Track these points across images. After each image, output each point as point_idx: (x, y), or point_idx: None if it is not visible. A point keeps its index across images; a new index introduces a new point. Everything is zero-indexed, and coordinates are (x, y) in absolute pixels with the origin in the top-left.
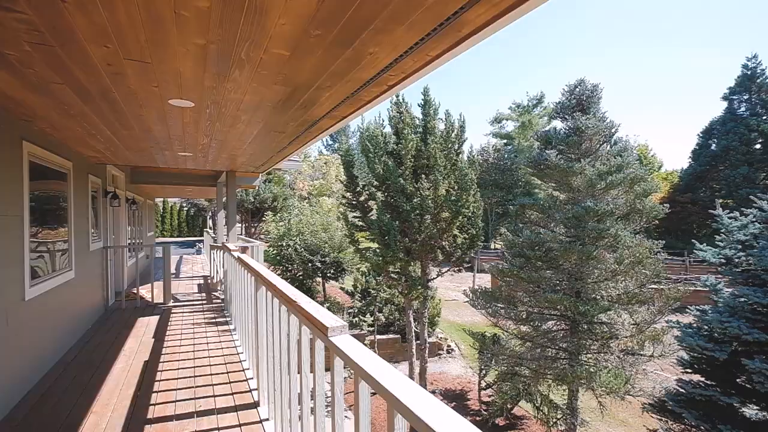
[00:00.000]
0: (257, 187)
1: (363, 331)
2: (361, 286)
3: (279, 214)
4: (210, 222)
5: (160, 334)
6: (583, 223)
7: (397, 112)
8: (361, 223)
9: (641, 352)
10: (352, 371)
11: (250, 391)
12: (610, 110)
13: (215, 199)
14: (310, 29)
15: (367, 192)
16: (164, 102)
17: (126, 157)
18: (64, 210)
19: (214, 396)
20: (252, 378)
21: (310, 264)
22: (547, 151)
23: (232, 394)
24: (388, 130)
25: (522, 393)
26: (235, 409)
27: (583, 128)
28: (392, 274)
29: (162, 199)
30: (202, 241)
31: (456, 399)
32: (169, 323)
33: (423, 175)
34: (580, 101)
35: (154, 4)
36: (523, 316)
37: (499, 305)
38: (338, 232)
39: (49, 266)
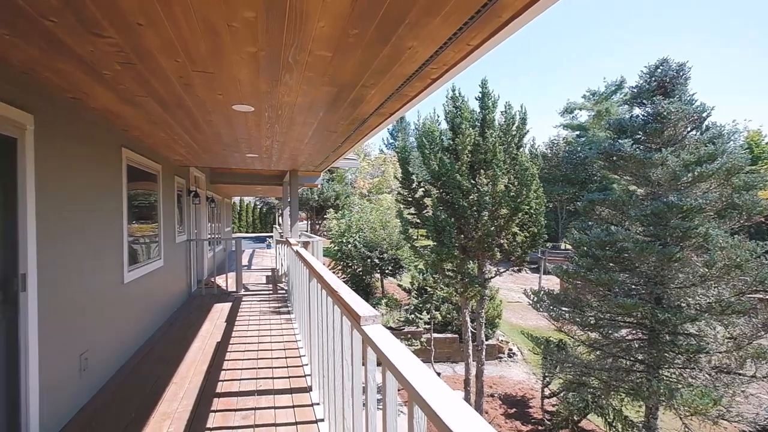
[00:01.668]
0: (320, 186)
1: (419, 329)
2: (418, 283)
3: (340, 212)
4: (279, 219)
5: (231, 319)
6: (665, 220)
7: (454, 107)
8: (416, 219)
9: (740, 371)
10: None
11: (305, 376)
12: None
13: (282, 198)
14: (348, 29)
15: (423, 189)
16: (229, 108)
17: (204, 159)
18: (154, 207)
19: (273, 378)
20: (307, 364)
21: (368, 260)
22: (620, 141)
23: (289, 377)
24: (444, 126)
25: (591, 405)
26: (291, 391)
27: (665, 113)
28: (448, 272)
29: (239, 198)
30: (271, 236)
31: (516, 405)
32: (240, 310)
33: (481, 171)
34: (662, 83)
35: (209, 17)
36: (592, 322)
37: (564, 309)
38: (396, 230)
39: (143, 255)
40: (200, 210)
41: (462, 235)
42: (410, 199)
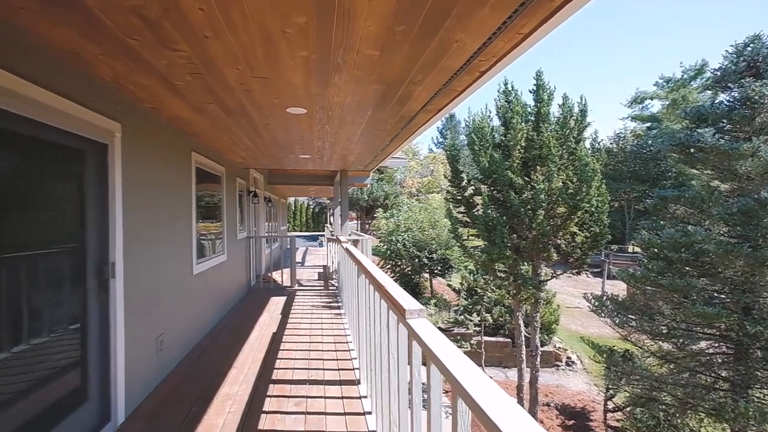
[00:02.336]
0: (369, 186)
1: (469, 331)
2: (468, 284)
3: (389, 211)
4: (330, 218)
5: (286, 312)
6: (755, 219)
7: (506, 101)
8: (466, 218)
9: None
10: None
11: (353, 369)
12: None
13: (333, 198)
14: (394, 26)
15: (473, 187)
16: (284, 111)
17: (262, 161)
18: (219, 205)
19: (324, 369)
20: (356, 358)
21: (417, 260)
22: (699, 131)
23: (338, 369)
24: (496, 122)
25: (663, 424)
26: (340, 383)
27: (756, 97)
28: (500, 273)
29: (293, 198)
30: (323, 235)
31: (575, 417)
32: (293, 304)
33: (535, 167)
34: (753, 63)
35: (265, 25)
36: (664, 332)
37: (630, 316)
38: (445, 229)
39: (209, 250)
40: (259, 209)
41: (515, 235)
42: (459, 197)
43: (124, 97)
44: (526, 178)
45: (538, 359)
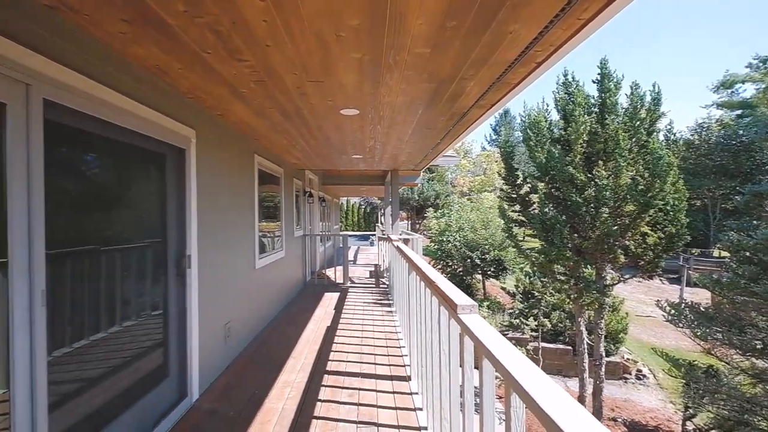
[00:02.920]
0: (420, 185)
1: (524, 335)
2: (524, 286)
3: (440, 211)
4: (381, 218)
5: (339, 307)
6: None
7: (566, 93)
8: (521, 217)
9: None
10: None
11: (404, 366)
12: None
13: (384, 198)
14: (445, 22)
15: (529, 185)
16: (337, 113)
17: (316, 162)
18: (278, 204)
19: (375, 364)
20: (406, 355)
21: (469, 260)
22: None
23: (389, 365)
24: (555, 116)
25: None
26: (391, 378)
27: None
28: (559, 276)
29: (345, 198)
30: (374, 234)
31: None
32: (346, 300)
33: (599, 162)
34: None
35: (321, 31)
36: (758, 347)
37: (715, 328)
38: (499, 229)
39: (269, 246)
40: (313, 208)
41: (575, 235)
42: (514, 195)
43: (198, 105)
44: (589, 175)
45: (603, 369)
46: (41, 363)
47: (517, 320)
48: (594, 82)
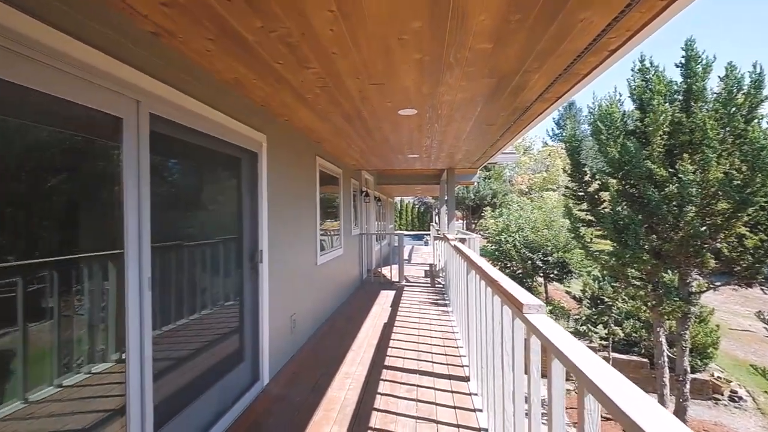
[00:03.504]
0: (476, 184)
1: (593, 344)
2: (592, 291)
3: (498, 210)
4: (435, 218)
5: (395, 305)
6: None
7: (642, 80)
8: (589, 217)
9: None
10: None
11: (462, 366)
12: None
13: (439, 197)
14: (509, 16)
15: (598, 181)
16: (395, 113)
17: (373, 162)
18: (336, 204)
19: (432, 362)
20: (465, 356)
21: (530, 262)
22: None
23: (447, 364)
24: (629, 106)
25: None
26: (449, 377)
27: None
28: (634, 280)
29: (399, 198)
30: (429, 234)
31: None
32: (402, 298)
33: (683, 155)
34: None
35: (384, 37)
36: None
37: None
38: (563, 230)
39: (329, 244)
40: (369, 208)
41: (654, 236)
42: (582, 193)
43: (268, 112)
44: (671, 170)
45: (687, 387)
46: (148, 337)
47: (584, 327)
48: (677, 66)
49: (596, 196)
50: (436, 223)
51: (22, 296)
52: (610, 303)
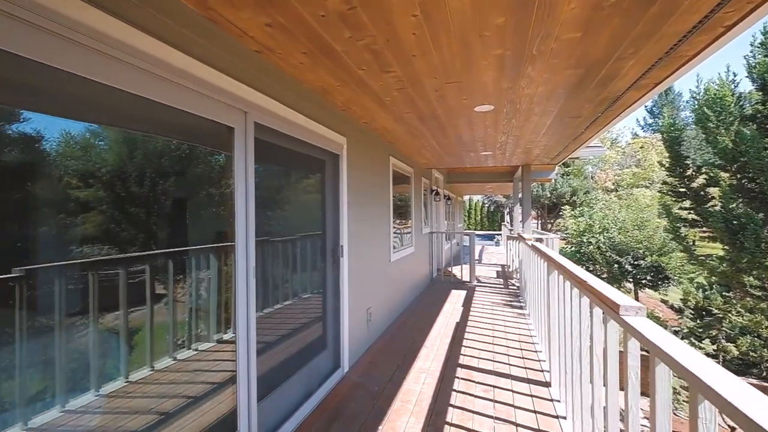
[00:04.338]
0: (553, 181)
1: None
2: (695, 301)
3: (578, 209)
4: (507, 217)
5: (467, 305)
6: None
7: (765, 56)
8: (693, 216)
9: None
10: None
11: (542, 371)
12: None
13: (511, 195)
14: (602, 2)
15: (705, 175)
16: (471, 110)
17: (444, 161)
18: (408, 203)
19: (509, 364)
20: (544, 360)
21: (616, 266)
22: None
23: (525, 368)
24: (745, 87)
25: None
26: (528, 381)
27: None
28: (752, 290)
29: (468, 197)
30: (500, 234)
31: None
32: (473, 298)
33: None
34: None
35: (466, 34)
36: None
37: None
38: (659, 231)
39: (400, 242)
40: (439, 207)
41: None
42: (683, 189)
43: (348, 116)
44: None
45: None
46: (253, 318)
47: (686, 341)
48: None
49: (702, 192)
50: (508, 222)
51: (149, 282)
52: (720, 315)
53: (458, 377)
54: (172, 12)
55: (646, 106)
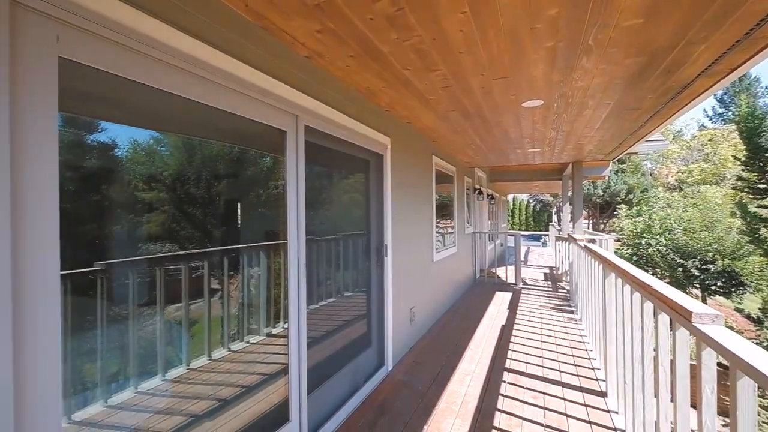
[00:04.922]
0: (606, 178)
1: None
2: None
3: (635, 208)
4: (555, 217)
5: (512, 307)
6: None
7: None
8: None
9: None
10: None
11: (597, 380)
12: None
13: (560, 194)
14: None
15: None
16: (518, 106)
17: (488, 159)
18: (451, 202)
19: (560, 371)
20: (599, 369)
21: (680, 269)
22: None
23: (578, 375)
24: None
25: None
26: (581, 390)
27: None
28: None
29: (512, 196)
30: (547, 234)
31: None
32: (520, 301)
33: None
34: None
35: (515, 29)
36: None
37: None
38: (732, 232)
39: (443, 242)
40: (482, 206)
41: None
42: (762, 185)
43: (392, 115)
44: None
45: None
46: (303, 311)
47: None
48: None
49: None
50: (556, 222)
51: (206, 277)
52: None
53: (505, 381)
54: (233, 25)
55: (715, 95)
